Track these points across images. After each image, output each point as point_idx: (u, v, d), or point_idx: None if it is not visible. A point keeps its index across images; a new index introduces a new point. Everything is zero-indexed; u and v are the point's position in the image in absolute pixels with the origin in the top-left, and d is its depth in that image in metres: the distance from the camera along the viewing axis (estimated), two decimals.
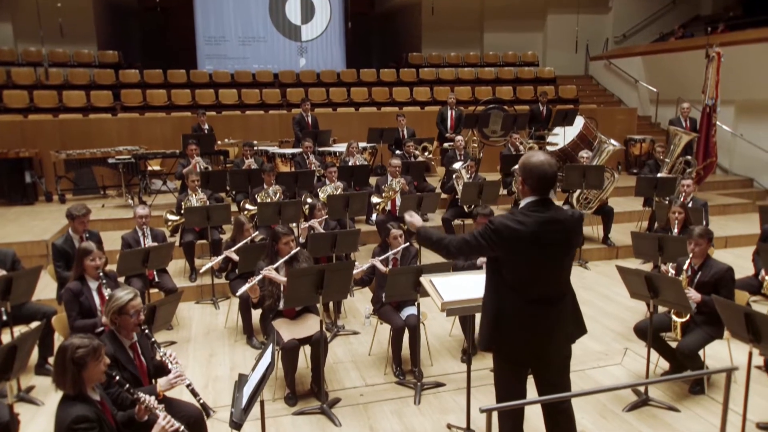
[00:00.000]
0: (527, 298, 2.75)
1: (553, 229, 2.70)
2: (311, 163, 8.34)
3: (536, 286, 2.77)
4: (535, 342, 2.79)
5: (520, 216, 2.71)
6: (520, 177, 2.78)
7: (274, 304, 4.39)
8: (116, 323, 3.14)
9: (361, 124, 11.29)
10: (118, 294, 3.15)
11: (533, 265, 2.74)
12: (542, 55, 15.17)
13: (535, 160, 2.74)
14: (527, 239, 2.67)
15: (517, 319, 2.77)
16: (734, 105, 10.60)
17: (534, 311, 2.76)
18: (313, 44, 14.84)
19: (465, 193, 6.96)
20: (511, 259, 2.74)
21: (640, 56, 13.11)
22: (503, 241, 2.69)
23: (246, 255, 5.14)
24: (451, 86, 13.43)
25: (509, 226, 2.68)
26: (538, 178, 2.70)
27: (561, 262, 2.82)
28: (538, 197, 2.74)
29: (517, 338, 2.79)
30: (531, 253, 2.71)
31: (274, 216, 6.33)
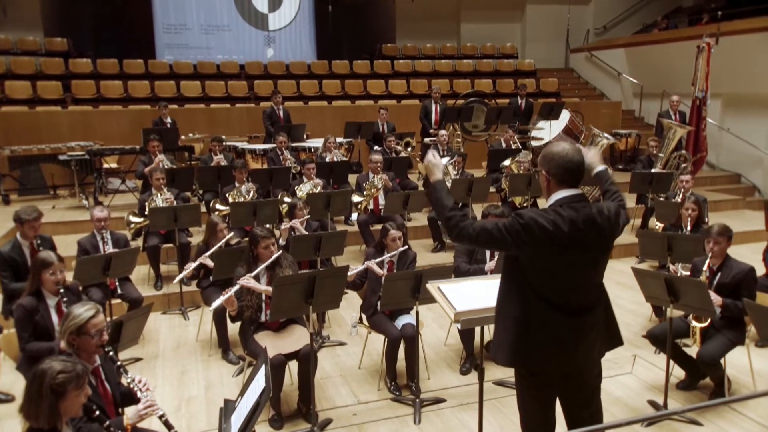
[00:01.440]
0: (557, 305, 2.47)
1: (589, 229, 2.44)
2: (286, 160, 7.99)
3: (568, 293, 2.49)
4: (566, 357, 2.51)
5: (553, 214, 2.43)
6: (543, 170, 2.51)
7: (255, 315, 4.05)
8: (75, 345, 2.77)
9: (336, 119, 11.00)
10: (77, 311, 2.78)
11: (565, 270, 2.46)
12: (521, 47, 15.09)
13: (556, 148, 2.50)
14: (561, 242, 2.39)
15: (546, 330, 2.48)
16: (721, 98, 10.66)
17: (565, 321, 2.48)
18: (281, 34, 14.39)
19: (453, 191, 6.71)
20: (538, 262, 2.46)
21: (623, 48, 13.12)
22: (532, 241, 2.40)
23: (220, 260, 4.78)
24: (428, 79, 13.22)
25: (542, 225, 2.39)
26: (564, 168, 2.45)
27: (596, 266, 2.55)
28: (568, 192, 2.48)
29: (547, 353, 2.51)
30: (564, 257, 2.43)
31: (249, 217, 5.99)
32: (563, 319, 2.48)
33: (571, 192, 2.48)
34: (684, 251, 4.88)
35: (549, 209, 2.48)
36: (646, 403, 4.16)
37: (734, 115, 10.88)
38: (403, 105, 12.04)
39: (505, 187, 7.36)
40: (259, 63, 13.51)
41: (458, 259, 4.84)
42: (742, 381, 4.34)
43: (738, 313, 3.90)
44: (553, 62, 15.00)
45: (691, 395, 4.25)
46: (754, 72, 10.06)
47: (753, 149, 10.44)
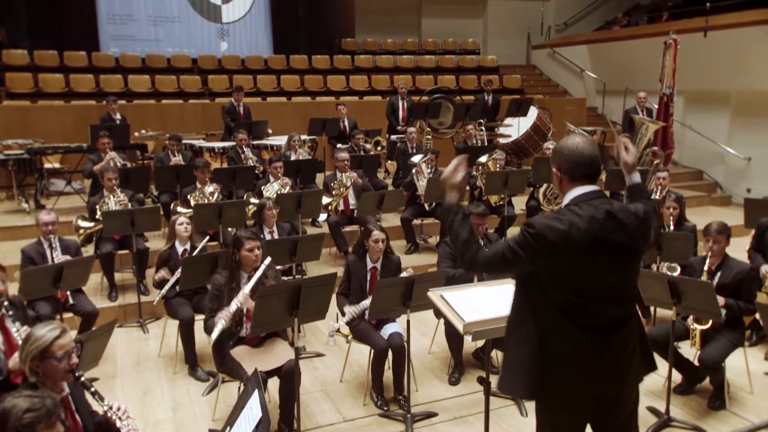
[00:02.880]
0: (583, 321, 2.20)
1: (613, 226, 2.19)
2: (247, 158, 7.62)
3: (595, 304, 2.22)
4: (597, 381, 2.23)
5: (567, 214, 2.19)
6: (554, 167, 2.31)
7: (235, 328, 3.72)
8: (39, 372, 2.41)
9: (296, 115, 10.67)
10: (38, 332, 2.42)
11: (589, 277, 2.20)
12: (483, 43, 15.07)
13: (567, 142, 2.31)
14: (580, 243, 2.15)
15: (571, 351, 2.20)
16: (683, 96, 10.85)
17: (593, 339, 2.21)
18: (235, 27, 13.90)
19: (429, 190, 6.52)
20: (558, 270, 2.20)
21: (585, 45, 13.24)
22: (548, 248, 2.15)
23: (188, 267, 4.41)
24: (391, 75, 13.02)
25: (554, 228, 2.15)
26: (576, 163, 2.25)
27: (624, 273, 2.27)
28: (584, 189, 2.25)
29: (574, 378, 2.22)
30: (585, 262, 2.18)
31: (213, 219, 5.62)
32: (591, 336, 2.21)
33: (588, 188, 2.26)
34: (673, 250, 4.80)
35: (563, 209, 2.25)
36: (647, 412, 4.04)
37: (696, 112, 11.11)
38: (366, 101, 11.78)
39: (480, 185, 7.20)
40: (213, 57, 13.00)
41: (443, 263, 4.64)
42: (737, 383, 4.29)
43: (739, 313, 3.84)
44: (514, 59, 15.04)
45: (690, 400, 4.17)
46: (714, 69, 10.27)
47: (714, 146, 10.67)
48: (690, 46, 9.54)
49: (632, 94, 11.80)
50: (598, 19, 14.99)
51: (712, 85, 10.56)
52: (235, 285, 3.76)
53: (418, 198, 6.97)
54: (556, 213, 2.24)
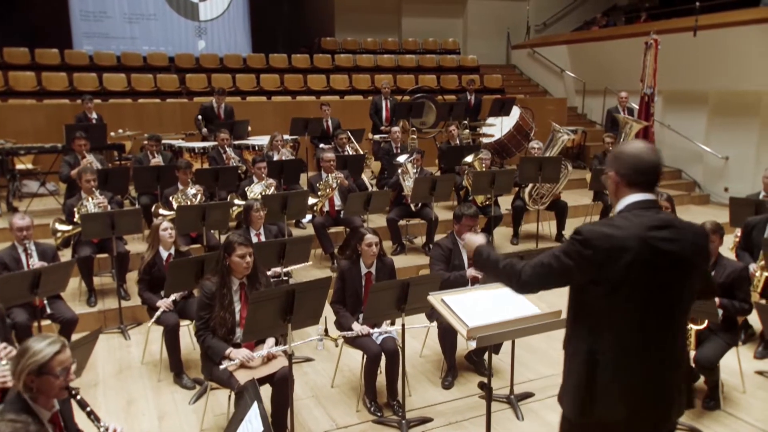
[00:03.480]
0: (632, 340, 2.07)
1: (668, 237, 2.05)
2: (229, 158, 7.45)
3: (645, 323, 2.08)
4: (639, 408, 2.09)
5: (620, 220, 2.08)
6: (612, 171, 2.17)
7: (228, 335, 3.59)
8: (32, 388, 2.27)
9: (276, 115, 10.53)
10: (37, 345, 2.29)
11: (639, 292, 2.05)
12: (463, 43, 15.06)
13: (628, 147, 2.20)
14: (632, 250, 2.01)
15: (615, 372, 2.07)
16: (662, 96, 10.94)
17: (640, 362, 2.08)
18: (213, 25, 13.66)
19: (416, 190, 6.44)
20: (608, 285, 2.05)
21: (564, 45, 13.30)
22: (599, 257, 2.03)
23: (174, 271, 4.26)
24: (371, 74, 12.93)
25: (604, 234, 2.04)
26: (636, 169, 2.12)
27: (680, 289, 2.11)
28: (640, 196, 2.13)
29: (615, 402, 2.09)
30: (638, 272, 2.03)
31: (197, 221, 5.48)
32: (639, 354, 2.08)
33: (644, 196, 2.13)
34: None
35: (616, 216, 2.15)
36: None
37: (674, 111, 11.23)
38: (347, 101, 11.68)
39: (466, 185, 7.15)
40: (190, 55, 12.76)
41: (435, 266, 4.56)
42: (730, 383, 4.29)
43: (734, 313, 3.83)
44: (494, 58, 15.06)
45: None
46: (693, 69, 10.39)
47: (693, 145, 10.79)
48: (669, 46, 9.62)
49: (612, 93, 11.91)
50: (576, 19, 15.09)
51: (690, 85, 10.67)
52: (226, 291, 3.64)
53: (404, 198, 6.89)
54: (608, 219, 2.14)
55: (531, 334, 2.85)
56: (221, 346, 3.56)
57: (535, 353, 4.90)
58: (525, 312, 2.86)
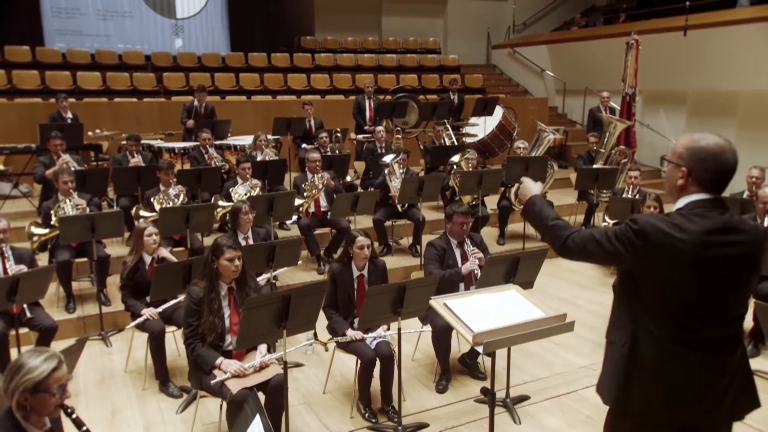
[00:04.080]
0: (674, 337, 2.00)
1: (730, 241, 1.96)
2: (211, 158, 7.28)
3: (696, 322, 2.00)
4: (683, 406, 2.03)
5: (679, 219, 1.97)
6: (684, 167, 2.01)
7: (218, 341, 3.46)
8: (26, 406, 2.13)
9: (257, 114, 10.39)
10: (32, 361, 2.14)
11: (693, 291, 1.98)
12: (443, 43, 15.04)
13: (711, 144, 1.99)
14: (689, 254, 1.93)
15: (660, 368, 2.01)
16: (641, 95, 11.04)
17: (688, 359, 2.00)
18: (190, 23, 13.42)
19: (404, 190, 6.35)
20: (657, 277, 1.99)
21: (545, 45, 13.35)
22: (651, 252, 1.95)
23: (159, 276, 4.10)
24: (352, 74, 12.83)
25: (663, 231, 1.94)
26: (714, 170, 1.98)
27: (737, 291, 2.03)
28: (705, 195, 2.01)
29: (658, 397, 2.03)
30: (690, 275, 1.95)
31: (181, 224, 5.32)
32: (684, 355, 2.00)
33: (707, 196, 2.01)
34: None
35: (675, 213, 2.02)
36: None
37: (653, 111, 11.34)
38: (328, 100, 11.57)
39: (453, 185, 7.09)
40: (168, 54, 12.52)
41: (430, 265, 4.48)
42: None
43: None
44: (475, 58, 15.07)
45: None
46: (670, 70, 10.50)
47: (672, 144, 10.88)
48: (648, 47, 9.69)
49: (592, 93, 11.99)
50: (556, 19, 15.18)
51: (669, 85, 10.79)
52: (215, 296, 3.51)
53: (390, 199, 6.80)
54: (666, 215, 2.03)
55: (537, 338, 2.78)
56: (211, 355, 3.43)
57: (529, 356, 4.86)
58: (530, 316, 2.79)
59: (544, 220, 2.28)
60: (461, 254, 4.54)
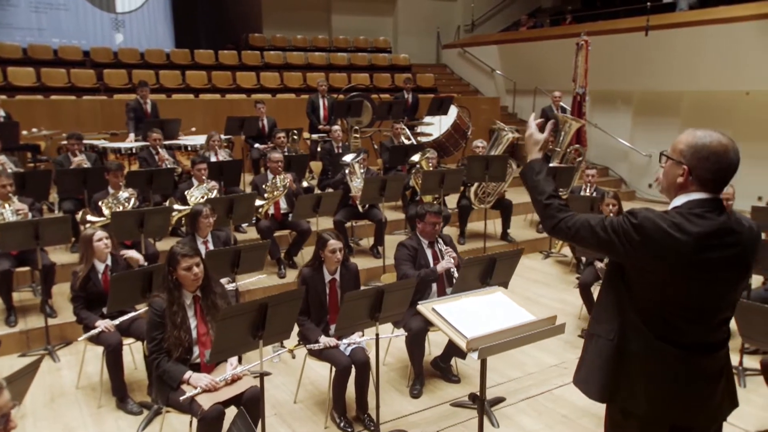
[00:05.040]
0: (663, 336, 1.98)
1: (726, 243, 1.94)
2: (162, 159, 6.94)
3: (686, 323, 1.98)
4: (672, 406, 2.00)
5: (679, 218, 1.92)
6: (685, 165, 1.96)
7: (185, 355, 3.24)
8: None
9: (206, 113, 10.04)
10: None
11: (686, 292, 1.95)
12: (394, 42, 14.98)
13: (715, 142, 1.93)
14: (686, 255, 1.89)
15: (645, 366, 2.00)
16: (589, 95, 11.28)
17: (677, 359, 1.98)
18: (131, 17, 12.82)
19: (366, 191, 6.23)
20: (650, 275, 1.96)
21: (495, 45, 13.49)
22: (647, 248, 1.91)
23: (117, 286, 3.83)
24: (303, 72, 12.58)
25: (662, 229, 1.89)
26: (717, 170, 1.93)
27: (728, 294, 2.02)
28: (704, 195, 1.96)
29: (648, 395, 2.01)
30: (686, 276, 1.93)
31: (134, 229, 5.02)
32: (675, 356, 1.98)
33: (706, 195, 1.97)
34: None
35: (674, 212, 1.97)
36: None
37: (601, 111, 11.61)
38: (279, 99, 11.29)
39: (414, 185, 7.01)
40: (108, 49, 11.91)
41: (403, 266, 4.37)
42: None
43: None
44: (425, 57, 15.07)
45: None
46: (617, 70, 10.79)
47: (618, 143, 11.21)
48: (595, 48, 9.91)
49: (542, 93, 12.19)
50: (504, 20, 15.38)
51: (616, 85, 11.08)
52: (177, 308, 3.28)
53: (350, 199, 6.66)
54: (667, 214, 1.96)
55: (530, 342, 2.72)
56: (179, 370, 3.21)
57: (500, 356, 4.79)
58: (521, 320, 2.73)
59: (541, 194, 2.18)
60: (432, 254, 4.46)
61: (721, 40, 9.33)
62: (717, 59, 9.47)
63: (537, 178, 2.19)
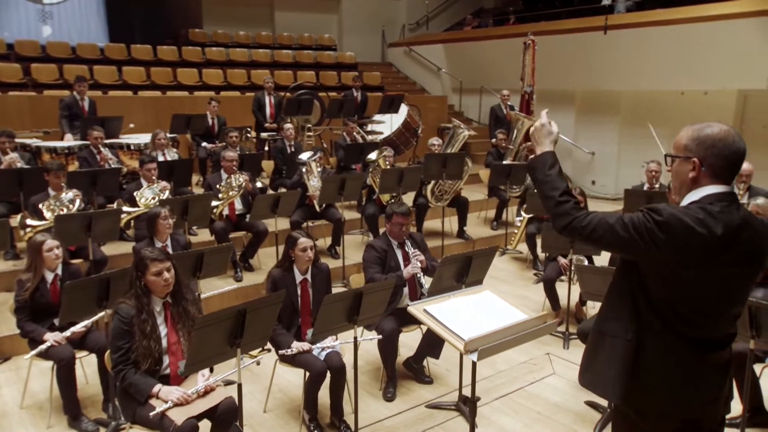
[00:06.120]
0: (684, 334, 1.96)
1: (745, 239, 1.92)
2: (105, 159, 6.55)
3: (703, 319, 1.97)
4: (688, 401, 2.01)
5: (702, 213, 1.88)
6: (694, 157, 1.94)
7: (154, 366, 3.01)
8: None
9: (147, 111, 9.61)
10: None
11: (706, 288, 1.93)
12: (339, 39, 14.82)
13: (717, 130, 1.93)
14: (711, 250, 1.87)
15: (666, 364, 1.97)
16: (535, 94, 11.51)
17: (692, 355, 1.97)
18: (60, 9, 12.14)
19: (325, 190, 6.08)
20: (671, 274, 1.92)
21: (441, 44, 13.56)
22: (671, 246, 1.86)
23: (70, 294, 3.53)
24: (247, 69, 12.24)
25: (688, 226, 1.85)
26: (727, 160, 1.92)
27: (743, 288, 2.01)
28: (719, 188, 1.94)
29: (665, 393, 1.99)
30: (709, 271, 1.90)
31: (80, 233, 4.68)
32: (689, 352, 1.97)
33: (722, 188, 1.94)
34: None
35: (694, 207, 1.92)
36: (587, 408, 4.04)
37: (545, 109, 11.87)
38: (224, 96, 10.91)
39: (371, 183, 6.91)
40: (35, 42, 11.21)
41: (370, 269, 4.25)
42: None
43: None
44: (371, 56, 14.99)
45: None
46: (560, 70, 11.04)
47: (562, 141, 11.47)
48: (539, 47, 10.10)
49: (488, 92, 12.35)
50: (448, 19, 15.48)
51: (559, 85, 11.34)
52: (146, 316, 3.05)
53: (307, 199, 6.48)
54: (688, 209, 1.91)
55: (526, 341, 2.68)
56: (147, 383, 2.98)
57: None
58: (514, 319, 2.68)
59: (553, 191, 2.06)
60: (403, 255, 4.37)
61: (660, 42, 9.70)
62: (656, 61, 9.84)
63: (550, 172, 2.09)
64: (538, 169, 2.14)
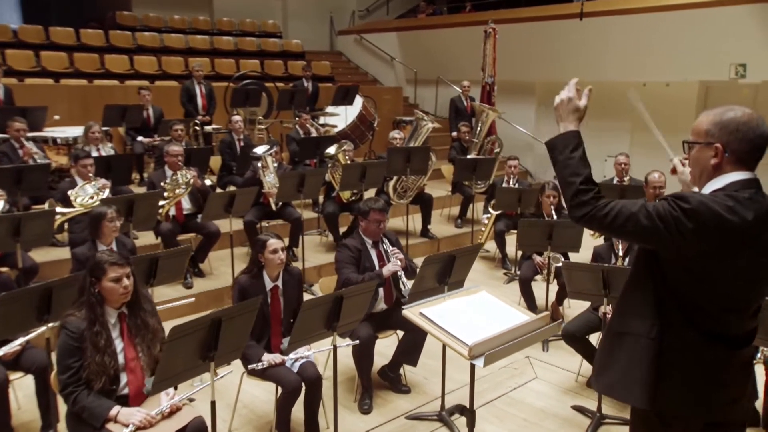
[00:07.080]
0: (710, 331, 1.96)
1: None
2: (28, 154, 6.18)
3: (729, 315, 1.97)
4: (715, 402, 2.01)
5: (731, 201, 1.87)
6: (716, 143, 1.93)
7: (109, 385, 2.83)
8: None
9: (72, 101, 9.17)
10: None
11: (732, 281, 1.93)
12: (284, 26, 14.58)
13: (739, 114, 1.93)
14: (743, 239, 1.87)
15: (692, 364, 1.97)
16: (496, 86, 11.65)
17: (718, 354, 1.97)
18: None
19: (283, 187, 5.94)
20: (697, 265, 1.92)
21: (394, 32, 13.54)
22: (700, 236, 1.85)
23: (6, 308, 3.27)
24: (184, 57, 11.87)
25: (718, 214, 1.84)
26: (753, 144, 1.92)
27: (765, 279, 2.01)
28: (744, 175, 1.94)
29: (691, 395, 1.98)
30: (736, 264, 1.90)
31: (7, 237, 4.39)
32: (713, 350, 1.97)
33: (747, 175, 1.94)
34: (563, 239, 4.99)
35: (719, 194, 1.92)
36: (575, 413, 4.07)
37: (506, 101, 12.01)
38: (158, 86, 10.54)
39: (330, 180, 6.79)
40: None
41: (345, 270, 4.15)
42: None
43: None
44: (318, 44, 14.81)
45: None
46: (522, 60, 11.22)
47: (524, 135, 11.67)
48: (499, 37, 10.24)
49: (444, 83, 12.42)
50: (400, 6, 15.47)
51: (519, 76, 11.52)
52: (100, 328, 2.86)
53: (262, 197, 6.31)
54: (716, 197, 1.90)
55: (530, 344, 2.65)
56: (104, 406, 2.79)
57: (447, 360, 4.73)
58: (515, 321, 2.64)
59: (575, 176, 1.98)
60: (377, 255, 4.30)
61: (623, 31, 9.98)
62: (619, 51, 10.12)
63: (573, 155, 2.01)
64: (559, 149, 2.05)
